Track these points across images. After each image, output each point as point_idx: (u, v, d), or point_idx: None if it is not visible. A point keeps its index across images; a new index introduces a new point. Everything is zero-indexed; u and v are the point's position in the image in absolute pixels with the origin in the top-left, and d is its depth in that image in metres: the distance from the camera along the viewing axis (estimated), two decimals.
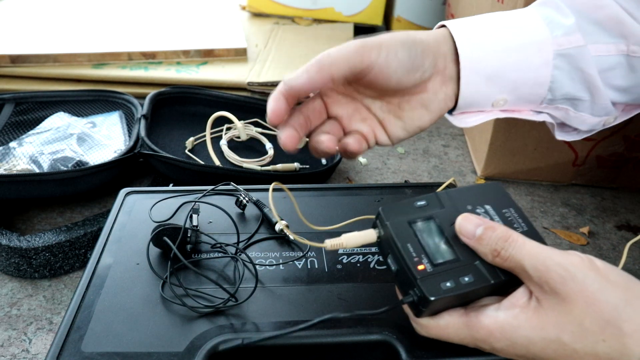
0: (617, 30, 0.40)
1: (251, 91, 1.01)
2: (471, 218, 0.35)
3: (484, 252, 0.34)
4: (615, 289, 0.30)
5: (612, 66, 0.41)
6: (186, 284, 0.42)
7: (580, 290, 0.30)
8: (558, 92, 0.42)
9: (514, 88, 0.41)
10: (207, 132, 0.78)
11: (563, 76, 0.41)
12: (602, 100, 0.42)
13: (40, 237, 0.61)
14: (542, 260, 0.31)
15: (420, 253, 0.34)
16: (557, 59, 0.40)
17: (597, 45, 0.41)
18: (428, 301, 0.32)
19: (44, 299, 0.59)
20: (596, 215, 0.79)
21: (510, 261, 0.32)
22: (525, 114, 0.44)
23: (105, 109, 0.86)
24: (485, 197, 0.38)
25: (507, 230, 0.33)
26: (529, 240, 0.32)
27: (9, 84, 0.98)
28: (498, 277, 0.33)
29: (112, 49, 1.04)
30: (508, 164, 0.83)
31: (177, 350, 0.36)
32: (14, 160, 0.70)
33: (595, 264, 0.31)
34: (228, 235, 0.48)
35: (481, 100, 0.42)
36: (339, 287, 0.43)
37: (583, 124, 0.45)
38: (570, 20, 0.40)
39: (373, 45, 0.38)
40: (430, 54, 0.40)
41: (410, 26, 1.45)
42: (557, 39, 0.40)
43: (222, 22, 1.26)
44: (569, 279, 0.30)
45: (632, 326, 0.29)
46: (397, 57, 0.38)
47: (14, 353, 0.53)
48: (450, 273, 0.33)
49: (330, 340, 0.38)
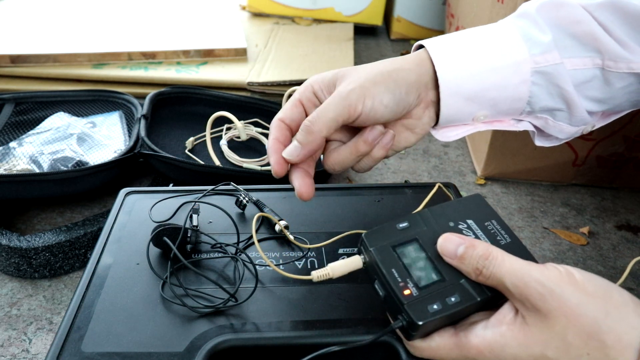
0: (592, 45, 0.41)
1: (251, 91, 1.01)
2: (452, 238, 0.35)
3: (467, 271, 0.34)
4: (594, 301, 0.30)
5: (588, 79, 0.42)
6: (186, 284, 0.42)
7: (560, 306, 0.30)
8: (536, 105, 0.43)
9: (493, 105, 0.43)
10: (207, 132, 0.78)
11: (541, 91, 0.42)
12: (579, 113, 0.44)
13: (40, 237, 0.61)
14: (520, 277, 0.31)
15: (406, 277, 0.34)
16: (534, 75, 0.41)
17: (574, 59, 0.42)
18: (417, 326, 0.33)
19: (44, 299, 0.59)
20: (596, 215, 0.79)
21: (492, 279, 0.33)
22: (506, 124, 0.46)
23: (105, 109, 0.86)
24: (466, 211, 0.39)
25: (487, 248, 0.34)
26: (508, 257, 0.33)
27: (9, 84, 0.98)
28: (484, 294, 0.34)
29: (112, 49, 1.04)
30: (508, 164, 0.83)
31: (177, 350, 0.36)
32: (14, 160, 0.70)
33: (574, 276, 0.31)
34: (228, 235, 0.48)
35: (462, 117, 0.44)
36: (339, 287, 0.43)
37: (561, 133, 0.46)
38: (548, 37, 0.41)
39: (357, 97, 0.39)
40: (414, 90, 0.41)
41: (410, 26, 1.45)
42: (535, 57, 0.41)
43: (222, 22, 1.26)
44: (547, 295, 0.30)
45: (613, 337, 0.29)
46: (382, 103, 0.40)
47: (14, 353, 0.53)
48: (437, 295, 0.33)
49: (330, 340, 0.38)
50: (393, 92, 0.40)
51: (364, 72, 0.41)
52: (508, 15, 0.45)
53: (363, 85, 0.40)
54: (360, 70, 0.41)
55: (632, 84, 0.42)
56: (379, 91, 0.40)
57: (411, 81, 0.41)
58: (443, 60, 0.41)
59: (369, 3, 1.41)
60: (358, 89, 0.39)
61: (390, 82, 0.40)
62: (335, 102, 0.40)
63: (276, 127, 0.43)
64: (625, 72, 0.42)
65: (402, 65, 0.41)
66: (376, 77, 0.40)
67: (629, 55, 0.41)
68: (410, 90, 0.41)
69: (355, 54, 1.28)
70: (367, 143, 0.41)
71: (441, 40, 0.42)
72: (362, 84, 0.40)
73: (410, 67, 0.41)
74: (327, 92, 0.42)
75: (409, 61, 0.42)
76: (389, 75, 0.40)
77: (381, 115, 0.40)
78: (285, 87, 0.95)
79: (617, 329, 0.29)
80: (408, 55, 0.43)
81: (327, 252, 0.47)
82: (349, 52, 1.17)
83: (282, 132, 0.42)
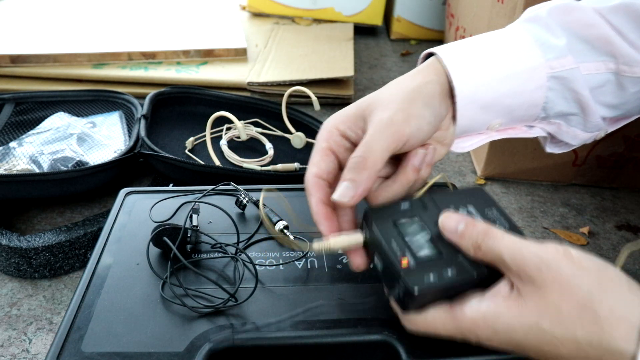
0: (606, 49, 0.41)
1: (251, 91, 1.01)
2: (453, 216, 0.36)
3: (466, 247, 0.34)
4: (588, 274, 0.30)
5: (601, 84, 0.42)
6: (186, 284, 0.42)
7: (554, 278, 0.30)
8: (551, 110, 0.42)
9: (509, 112, 0.42)
10: (207, 132, 0.78)
11: (556, 96, 0.41)
12: (594, 118, 0.43)
13: (40, 237, 0.61)
14: (518, 251, 0.32)
15: (404, 249, 0.35)
16: (550, 81, 0.41)
17: (587, 63, 0.41)
18: (412, 294, 0.33)
19: (44, 299, 0.59)
20: (596, 215, 0.79)
21: (490, 254, 0.33)
22: (518, 131, 0.45)
23: (105, 109, 0.86)
24: (468, 198, 0.39)
25: (487, 226, 0.34)
26: (507, 234, 0.33)
27: (9, 84, 0.98)
28: (480, 270, 0.34)
29: (112, 49, 1.04)
30: (508, 164, 0.83)
31: (177, 350, 0.36)
32: (14, 160, 0.70)
33: (570, 252, 0.31)
34: (228, 235, 0.48)
35: (477, 127, 0.43)
36: (339, 287, 0.43)
37: (574, 139, 0.45)
38: (562, 41, 0.40)
39: (402, 120, 0.37)
40: (443, 101, 0.40)
41: (410, 26, 1.45)
42: (550, 61, 0.40)
43: (222, 22, 1.26)
44: (543, 267, 0.31)
45: (606, 309, 0.29)
46: (425, 120, 0.38)
47: (14, 353, 0.53)
48: (434, 267, 0.34)
49: (330, 340, 0.38)
50: (431, 106, 0.38)
51: (394, 95, 0.38)
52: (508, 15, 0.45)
53: (402, 107, 0.37)
54: (386, 94, 0.39)
55: None
56: (418, 109, 0.38)
57: (438, 92, 0.39)
58: (458, 70, 0.39)
59: (369, 3, 1.41)
60: (400, 112, 0.37)
61: (425, 97, 0.38)
62: (381, 131, 0.37)
63: (315, 185, 0.39)
64: None
65: (425, 78, 0.40)
66: (409, 96, 0.38)
67: None
68: (441, 102, 0.39)
69: (355, 54, 1.28)
70: (416, 169, 0.39)
71: (453, 48, 0.41)
72: (400, 106, 0.37)
73: (431, 78, 0.40)
74: (358, 129, 0.39)
75: (427, 73, 0.40)
76: (420, 91, 0.39)
77: (426, 133, 0.39)
78: (285, 87, 0.95)
79: (611, 302, 0.29)
80: (421, 67, 0.41)
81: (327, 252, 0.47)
82: (349, 52, 1.17)
83: (323, 190, 0.39)
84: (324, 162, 0.39)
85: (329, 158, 0.39)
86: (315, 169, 0.39)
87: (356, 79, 1.18)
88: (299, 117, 0.88)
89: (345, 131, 0.39)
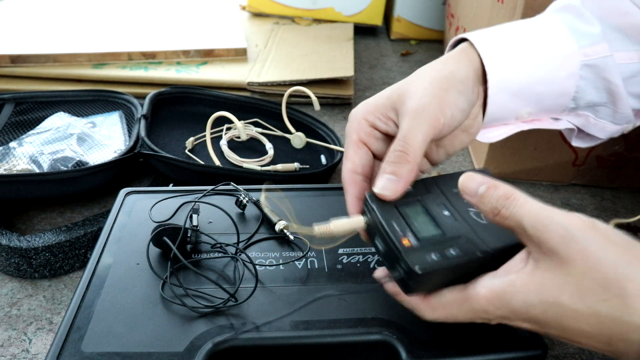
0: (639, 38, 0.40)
1: (251, 91, 1.01)
2: (474, 176, 0.34)
3: (485, 211, 0.33)
4: (616, 248, 0.29)
5: (634, 74, 0.41)
6: (186, 284, 0.42)
7: (580, 250, 0.29)
8: (581, 100, 0.42)
9: (539, 100, 0.41)
10: (207, 132, 0.78)
11: (588, 85, 0.41)
12: (624, 109, 0.42)
13: (40, 237, 0.61)
14: (541, 219, 0.30)
15: (405, 230, 0.34)
16: (583, 69, 0.40)
17: (620, 52, 0.40)
18: (414, 273, 0.32)
19: (44, 299, 0.59)
20: (596, 215, 0.79)
21: (510, 220, 0.31)
22: (545, 122, 0.44)
23: (105, 109, 0.86)
24: None
25: (510, 189, 0.32)
26: (531, 200, 0.31)
27: (9, 84, 0.98)
28: (485, 249, 0.33)
29: (112, 49, 1.04)
30: (508, 164, 0.83)
31: (177, 350, 0.36)
32: (14, 160, 0.70)
33: (597, 224, 0.30)
34: (228, 235, 0.48)
35: (506, 115, 0.42)
36: (339, 287, 0.43)
37: (602, 132, 0.44)
38: (597, 29, 0.39)
39: (437, 110, 0.36)
40: (475, 88, 0.39)
41: (410, 26, 1.45)
42: (584, 49, 0.39)
43: (222, 22, 1.26)
44: (568, 238, 0.29)
45: (634, 286, 0.28)
46: (459, 108, 0.38)
47: (14, 353, 0.53)
48: (436, 247, 0.33)
49: (330, 340, 0.38)
50: (465, 94, 0.38)
51: (427, 83, 0.38)
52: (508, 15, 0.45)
53: (436, 95, 0.37)
54: (419, 82, 0.38)
55: None
56: (453, 97, 0.37)
57: (471, 78, 0.39)
58: (491, 55, 0.39)
59: (369, 3, 1.41)
60: (434, 101, 0.36)
61: (458, 85, 0.38)
62: (418, 123, 0.36)
63: (351, 182, 0.38)
64: None
65: (458, 64, 0.39)
66: (442, 84, 0.37)
67: None
68: (473, 88, 0.39)
69: (355, 54, 1.28)
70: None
71: (485, 34, 0.40)
72: (435, 93, 0.37)
73: (464, 64, 0.39)
74: (389, 119, 0.39)
75: (460, 59, 0.39)
76: (453, 78, 0.38)
77: (459, 121, 0.38)
78: (285, 87, 0.95)
79: (639, 279, 0.27)
80: (453, 53, 0.41)
81: (327, 252, 0.47)
82: (349, 52, 1.17)
83: (360, 186, 0.38)
84: (358, 155, 0.39)
85: (362, 151, 0.39)
86: (350, 164, 0.39)
87: (356, 79, 1.18)
88: (299, 117, 0.88)
89: (375, 122, 0.39)
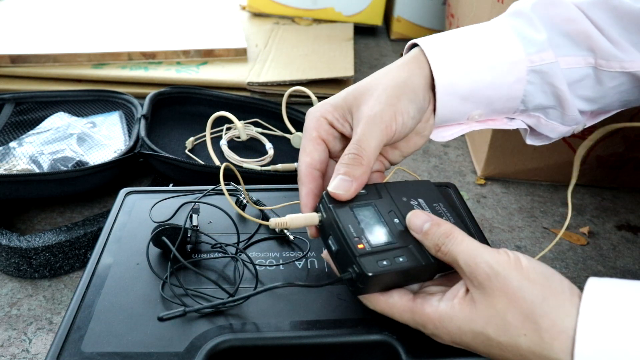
0: (585, 44, 0.42)
1: (251, 91, 1.01)
2: (420, 215, 0.37)
3: (428, 246, 0.36)
4: (534, 286, 0.32)
5: (580, 78, 0.43)
6: (186, 284, 0.42)
7: (502, 287, 0.32)
8: (530, 104, 0.43)
9: (489, 103, 0.43)
10: (207, 132, 0.78)
11: (536, 90, 0.42)
12: (571, 112, 0.44)
13: (40, 237, 0.61)
14: (473, 257, 0.33)
15: (360, 234, 0.37)
16: (529, 75, 0.41)
17: (567, 57, 0.42)
18: (366, 277, 0.34)
19: (44, 299, 0.59)
20: (596, 215, 0.79)
21: (449, 256, 0.34)
22: (499, 122, 0.46)
23: (105, 109, 0.86)
24: (418, 191, 0.42)
25: (451, 228, 0.35)
26: (467, 239, 0.34)
27: (9, 84, 0.98)
28: (428, 260, 0.36)
29: (112, 49, 1.04)
30: (508, 164, 0.83)
31: (177, 350, 0.36)
32: (14, 160, 0.70)
33: (520, 263, 0.33)
34: (228, 235, 0.48)
35: (457, 117, 0.44)
36: (338, 287, 0.43)
37: (553, 132, 0.46)
38: (543, 36, 0.41)
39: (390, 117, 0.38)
40: (426, 94, 0.41)
41: (410, 26, 1.45)
42: (531, 56, 0.41)
43: (222, 22, 1.26)
44: (492, 275, 0.32)
45: (548, 322, 0.31)
46: (410, 116, 0.39)
47: (14, 353, 0.53)
48: (387, 253, 0.36)
49: (330, 340, 0.38)
50: (415, 102, 0.40)
51: (382, 89, 0.39)
52: None
53: (389, 103, 0.38)
54: (374, 86, 0.40)
55: (623, 83, 0.43)
56: (404, 105, 0.39)
57: (422, 85, 0.40)
58: (439, 60, 0.40)
59: (368, 3, 1.41)
60: (387, 108, 0.38)
61: (409, 93, 0.39)
62: (372, 128, 0.38)
63: (308, 176, 0.40)
64: (617, 72, 0.42)
65: (410, 71, 0.40)
66: (395, 91, 0.39)
67: (621, 54, 0.41)
68: (424, 95, 0.40)
69: (355, 54, 1.28)
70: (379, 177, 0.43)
71: (436, 39, 0.42)
72: (388, 101, 0.38)
73: (415, 71, 0.41)
74: (345, 120, 0.40)
75: (412, 65, 0.41)
76: (405, 86, 0.39)
77: (410, 128, 0.40)
78: (285, 87, 0.95)
79: (552, 315, 0.31)
80: (406, 58, 0.42)
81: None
82: (349, 52, 1.17)
83: (316, 182, 0.40)
84: (317, 151, 0.40)
85: (320, 147, 0.41)
86: (308, 159, 0.40)
87: (356, 79, 1.18)
88: (299, 117, 0.88)
89: (333, 121, 0.41)
